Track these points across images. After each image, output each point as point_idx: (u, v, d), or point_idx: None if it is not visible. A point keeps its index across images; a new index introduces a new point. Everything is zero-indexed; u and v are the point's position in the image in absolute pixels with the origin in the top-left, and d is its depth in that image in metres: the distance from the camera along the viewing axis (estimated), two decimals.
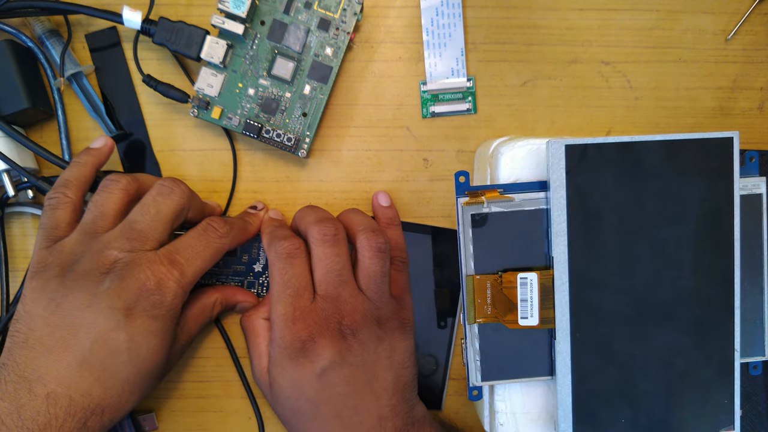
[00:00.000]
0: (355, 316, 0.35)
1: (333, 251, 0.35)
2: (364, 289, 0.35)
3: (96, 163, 0.36)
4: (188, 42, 0.37)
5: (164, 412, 0.41)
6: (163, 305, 0.33)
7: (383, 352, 0.35)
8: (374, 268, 0.35)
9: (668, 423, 0.34)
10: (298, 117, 0.39)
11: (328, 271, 0.35)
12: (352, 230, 0.36)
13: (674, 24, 0.41)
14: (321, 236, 0.35)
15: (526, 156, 0.35)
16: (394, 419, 0.35)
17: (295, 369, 0.34)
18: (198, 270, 0.34)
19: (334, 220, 0.36)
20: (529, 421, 0.36)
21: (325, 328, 0.34)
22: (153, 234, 0.34)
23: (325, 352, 0.34)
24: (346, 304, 0.35)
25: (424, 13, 0.40)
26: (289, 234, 0.37)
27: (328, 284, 0.35)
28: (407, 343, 0.37)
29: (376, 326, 0.35)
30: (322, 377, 0.34)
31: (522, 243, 0.34)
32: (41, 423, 0.30)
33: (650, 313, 0.34)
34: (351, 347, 0.34)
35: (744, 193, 0.36)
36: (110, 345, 0.32)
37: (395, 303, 0.37)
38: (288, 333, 0.34)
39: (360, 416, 0.34)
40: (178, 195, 0.35)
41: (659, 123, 0.42)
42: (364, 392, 0.34)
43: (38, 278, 0.33)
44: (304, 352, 0.34)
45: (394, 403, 0.35)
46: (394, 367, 0.35)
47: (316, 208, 0.38)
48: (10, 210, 0.40)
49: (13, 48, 0.37)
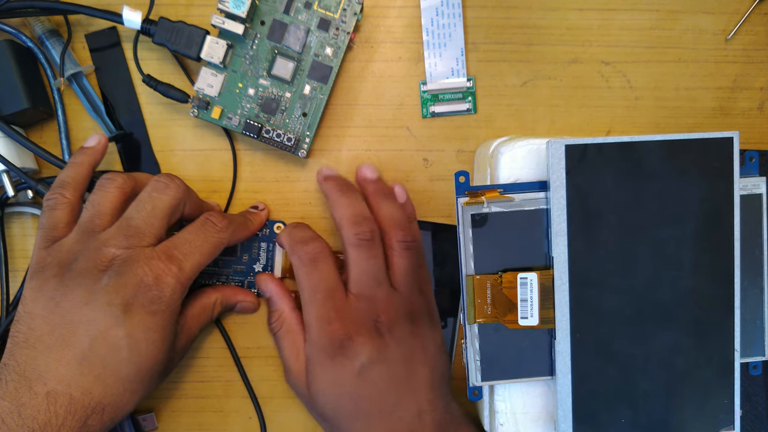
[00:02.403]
0: (390, 313, 0.35)
1: (369, 254, 0.35)
2: (396, 285, 0.36)
3: (92, 162, 0.36)
4: (188, 42, 0.37)
5: (165, 412, 0.41)
6: (162, 300, 0.33)
7: (417, 347, 0.36)
8: (406, 264, 0.36)
9: (668, 423, 0.34)
10: (298, 117, 0.39)
11: (364, 273, 0.35)
12: (382, 225, 0.37)
13: (674, 24, 0.41)
14: (357, 240, 0.35)
15: (526, 156, 0.35)
16: (433, 413, 0.35)
17: (334, 368, 0.34)
18: (196, 265, 0.34)
19: (369, 220, 0.36)
20: (529, 421, 0.36)
21: (361, 326, 0.34)
22: (149, 230, 0.34)
23: (364, 349, 0.34)
24: (381, 302, 0.35)
25: (424, 13, 0.40)
26: (309, 236, 0.37)
27: (364, 285, 0.35)
28: (436, 335, 0.37)
29: (409, 322, 0.36)
30: (361, 374, 0.34)
31: (522, 243, 0.34)
32: (41, 421, 0.30)
33: (650, 313, 0.34)
34: (388, 344, 0.35)
35: (744, 193, 0.36)
36: (109, 342, 0.32)
37: (423, 298, 0.37)
38: (324, 333, 0.34)
39: (400, 411, 0.34)
40: (173, 190, 0.35)
41: (659, 123, 0.42)
42: (403, 388, 0.35)
43: (37, 278, 0.33)
44: (343, 350, 0.34)
45: (432, 398, 0.35)
46: (428, 362, 0.36)
47: (351, 200, 0.37)
48: (10, 210, 0.40)
49: (13, 48, 0.37)
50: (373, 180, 0.39)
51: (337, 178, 0.38)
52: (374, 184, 0.38)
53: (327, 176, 0.39)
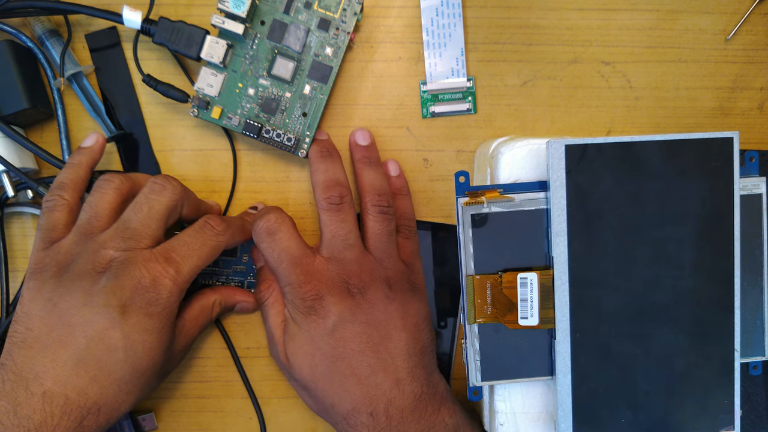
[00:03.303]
0: (363, 275, 0.36)
1: (338, 217, 0.36)
2: (370, 249, 0.37)
3: (90, 163, 0.37)
4: (188, 42, 0.37)
5: (165, 412, 0.41)
6: (159, 302, 0.33)
7: (395, 312, 0.36)
8: (378, 227, 0.36)
9: (668, 423, 0.34)
10: (298, 117, 0.39)
11: (334, 236, 0.36)
12: (361, 190, 0.37)
13: (674, 24, 0.41)
14: (327, 204, 0.36)
15: (526, 156, 0.35)
16: (413, 383, 0.35)
17: (308, 325, 0.35)
18: (194, 267, 0.35)
19: (341, 185, 0.37)
20: (529, 421, 0.36)
21: (332, 286, 0.35)
22: (147, 232, 0.34)
23: (334, 308, 0.35)
24: (352, 264, 0.36)
25: (424, 13, 0.40)
26: (263, 211, 0.37)
27: (333, 248, 0.36)
28: (420, 305, 0.37)
29: (385, 286, 0.36)
30: (334, 333, 0.35)
31: (522, 243, 0.34)
32: (37, 421, 0.30)
33: (650, 313, 0.34)
34: (360, 305, 0.35)
35: (744, 193, 0.36)
36: (106, 343, 0.32)
37: (404, 266, 0.38)
38: (297, 294, 0.35)
39: (377, 377, 0.35)
40: (170, 192, 0.35)
41: (659, 123, 0.42)
42: (380, 351, 0.35)
43: (36, 279, 0.33)
44: (314, 309, 0.35)
45: (411, 367, 0.35)
46: (407, 328, 0.36)
47: (327, 165, 0.38)
48: (10, 210, 0.40)
49: (13, 48, 0.37)
50: (362, 146, 0.39)
51: (322, 143, 0.39)
52: (362, 151, 0.39)
53: (316, 139, 0.39)
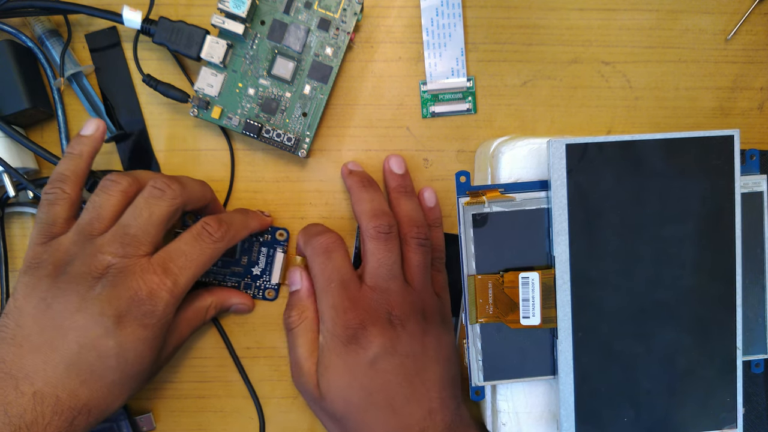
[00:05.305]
0: (404, 307, 0.35)
1: (386, 247, 0.36)
2: (410, 281, 0.36)
3: (91, 152, 0.35)
4: (188, 42, 0.37)
5: (164, 412, 0.41)
6: (155, 315, 0.33)
7: (430, 344, 0.36)
8: (417, 259, 0.36)
9: (670, 421, 0.34)
10: (298, 117, 0.39)
11: (381, 265, 0.35)
12: (399, 221, 0.37)
13: (674, 24, 0.41)
14: (375, 232, 0.36)
15: (527, 155, 0.35)
16: (443, 413, 0.35)
17: (348, 355, 0.34)
18: (192, 277, 0.34)
19: (389, 215, 0.36)
20: (531, 421, 0.36)
21: (375, 317, 0.35)
22: (146, 238, 0.33)
23: (377, 339, 0.34)
24: (395, 295, 0.35)
25: (424, 13, 0.40)
26: (323, 229, 0.38)
27: (379, 277, 0.35)
28: (450, 338, 0.37)
29: (422, 319, 0.36)
30: (374, 365, 0.34)
31: (523, 242, 0.34)
32: (28, 420, 0.30)
33: (652, 311, 0.34)
34: (400, 337, 0.35)
35: (745, 191, 0.36)
36: (99, 350, 0.32)
37: (438, 299, 0.38)
38: (339, 321, 0.35)
39: (411, 406, 0.34)
40: (169, 197, 0.34)
41: (659, 123, 0.42)
42: (415, 383, 0.35)
43: (31, 275, 0.33)
44: (356, 339, 0.34)
45: (444, 397, 0.35)
46: (441, 361, 0.36)
47: (372, 195, 0.37)
48: (10, 210, 0.40)
49: (13, 48, 0.37)
50: (398, 175, 0.39)
51: (360, 174, 0.39)
52: (398, 179, 0.39)
53: (352, 171, 0.39)
